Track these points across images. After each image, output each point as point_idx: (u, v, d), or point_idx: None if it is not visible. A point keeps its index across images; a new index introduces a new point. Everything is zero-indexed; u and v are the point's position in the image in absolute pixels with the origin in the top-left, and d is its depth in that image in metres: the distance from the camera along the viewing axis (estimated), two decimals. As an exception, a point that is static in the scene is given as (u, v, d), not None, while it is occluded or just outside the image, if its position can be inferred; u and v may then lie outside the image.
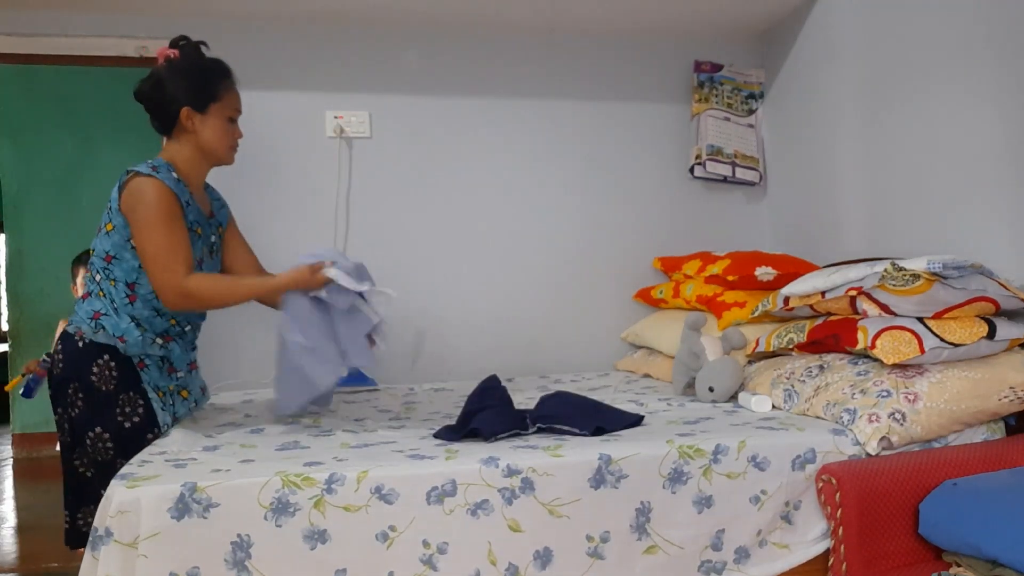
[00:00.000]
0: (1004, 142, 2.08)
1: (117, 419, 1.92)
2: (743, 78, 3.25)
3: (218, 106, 2.02)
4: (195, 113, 1.99)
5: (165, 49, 2.02)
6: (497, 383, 2.13)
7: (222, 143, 2.05)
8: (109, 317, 1.94)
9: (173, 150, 2.03)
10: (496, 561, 1.60)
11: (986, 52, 2.13)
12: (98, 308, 1.95)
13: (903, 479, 1.67)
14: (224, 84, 2.04)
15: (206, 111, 2.00)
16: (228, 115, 2.05)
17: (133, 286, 1.95)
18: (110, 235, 1.95)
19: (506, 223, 3.11)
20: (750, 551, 1.72)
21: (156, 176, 1.91)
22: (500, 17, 2.97)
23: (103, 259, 1.96)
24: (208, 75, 2.02)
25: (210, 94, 2.01)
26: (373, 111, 3.00)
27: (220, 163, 2.11)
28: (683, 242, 3.17)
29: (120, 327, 1.93)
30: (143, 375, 1.97)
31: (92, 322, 1.94)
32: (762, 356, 2.39)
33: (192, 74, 2.00)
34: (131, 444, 1.91)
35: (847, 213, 2.75)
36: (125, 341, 1.94)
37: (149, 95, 2.01)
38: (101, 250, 1.96)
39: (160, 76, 1.99)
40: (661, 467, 1.68)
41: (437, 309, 3.03)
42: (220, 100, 2.02)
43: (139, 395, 1.95)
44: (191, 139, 2.02)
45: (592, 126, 3.17)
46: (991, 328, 1.87)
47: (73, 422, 1.93)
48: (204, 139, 2.02)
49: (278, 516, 1.52)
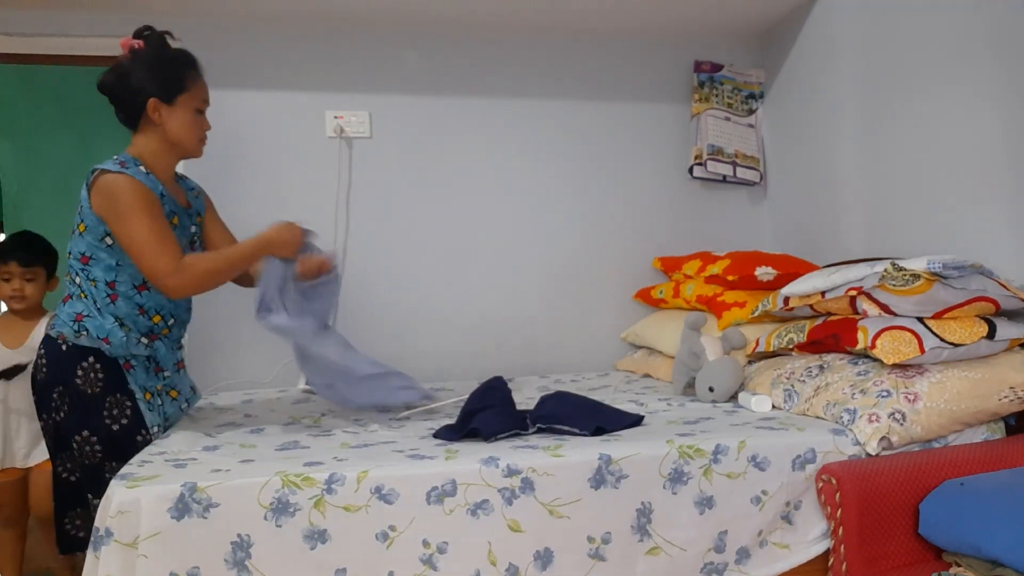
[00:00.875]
0: (1004, 142, 2.08)
1: (104, 422, 1.89)
2: (743, 78, 3.25)
3: (186, 97, 1.97)
4: (162, 104, 1.94)
5: (129, 40, 1.96)
6: (502, 384, 2.14)
7: (191, 135, 2.00)
8: (92, 318, 1.90)
9: (140, 144, 1.97)
10: (496, 561, 1.60)
11: (986, 52, 2.13)
12: (80, 310, 1.91)
13: (903, 479, 1.67)
14: (191, 75, 1.99)
15: (173, 102, 1.95)
16: (196, 106, 2.00)
17: (113, 284, 1.91)
18: (83, 236, 1.91)
19: (506, 223, 3.11)
20: (751, 551, 1.72)
21: (125, 172, 1.86)
22: (500, 17, 2.97)
23: (79, 260, 1.92)
24: (175, 65, 1.97)
25: (177, 85, 1.95)
26: (373, 111, 3.00)
27: (188, 155, 2.06)
28: (683, 242, 3.17)
29: (104, 328, 1.90)
30: (129, 376, 1.94)
31: (75, 324, 1.90)
32: (762, 356, 2.39)
33: (159, 64, 1.94)
34: (119, 447, 1.89)
35: (847, 213, 2.75)
36: (109, 342, 1.90)
37: (113, 86, 1.94)
38: (77, 252, 1.93)
39: (125, 67, 1.93)
40: (661, 467, 1.68)
41: (437, 309, 3.03)
42: (188, 91, 1.97)
43: (126, 396, 1.93)
44: (158, 131, 1.96)
45: (592, 126, 3.17)
46: (991, 328, 1.87)
47: (59, 427, 1.90)
48: (171, 131, 1.96)
49: (278, 516, 1.52)
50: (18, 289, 2.47)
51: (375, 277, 3.00)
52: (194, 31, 2.87)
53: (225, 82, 2.89)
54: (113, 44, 2.80)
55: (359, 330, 2.93)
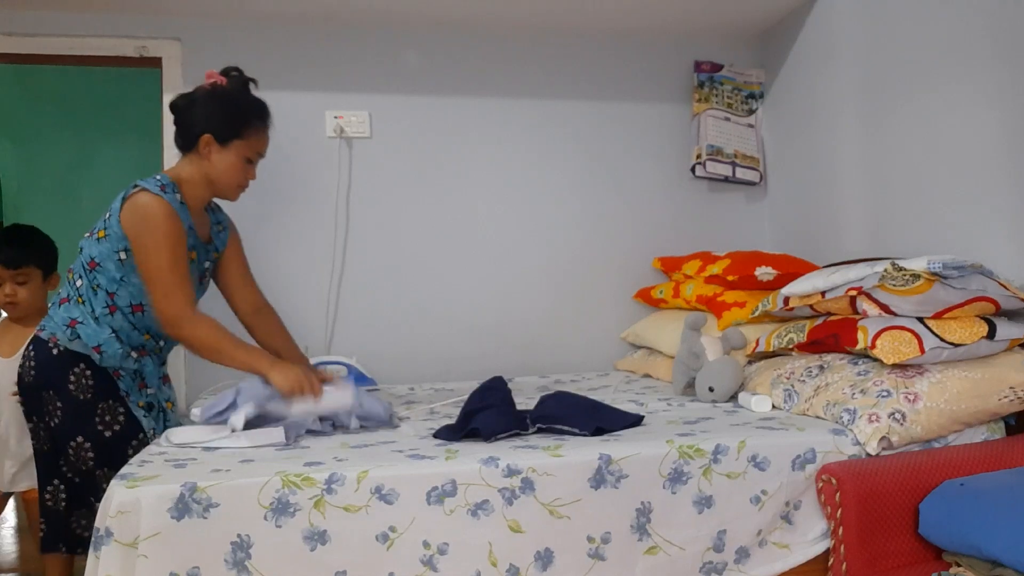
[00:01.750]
0: (1004, 142, 2.08)
1: (97, 428, 1.91)
2: (743, 78, 3.25)
3: (240, 144, 2.01)
4: (214, 143, 1.98)
5: (215, 73, 2.02)
6: (502, 384, 2.13)
7: (231, 180, 2.03)
8: (86, 326, 1.91)
9: (184, 168, 2.01)
10: (497, 562, 1.60)
11: (986, 52, 2.13)
12: (75, 315, 1.92)
13: (903, 479, 1.67)
14: (255, 125, 2.03)
15: (227, 144, 1.99)
16: (247, 155, 2.04)
17: (113, 296, 1.93)
18: (100, 242, 1.92)
19: (506, 223, 3.11)
20: (750, 551, 1.72)
21: (163, 196, 1.89)
22: (500, 17, 2.98)
23: (87, 264, 1.93)
24: (242, 112, 2.01)
25: (236, 130, 1.99)
26: (373, 111, 3.00)
27: (223, 197, 2.09)
28: (683, 242, 3.17)
29: (99, 337, 1.91)
30: (120, 384, 1.95)
31: (68, 329, 1.91)
32: (762, 356, 2.39)
33: (227, 105, 1.99)
34: (113, 453, 1.90)
35: (847, 213, 2.75)
36: (101, 352, 1.91)
37: (180, 110, 2.01)
38: (87, 255, 1.94)
39: (198, 97, 1.99)
40: (661, 467, 1.68)
41: (437, 309, 3.03)
42: (243, 139, 2.01)
43: (118, 403, 1.94)
44: (203, 165, 2.00)
45: (592, 126, 3.17)
46: (991, 328, 1.87)
47: (54, 432, 1.91)
48: (215, 170, 2.00)
49: (278, 516, 1.52)
50: (10, 294, 2.23)
51: (375, 277, 3.00)
52: (195, 31, 2.88)
53: (225, 82, 2.90)
54: (113, 44, 2.83)
55: (359, 331, 2.94)
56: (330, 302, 2.97)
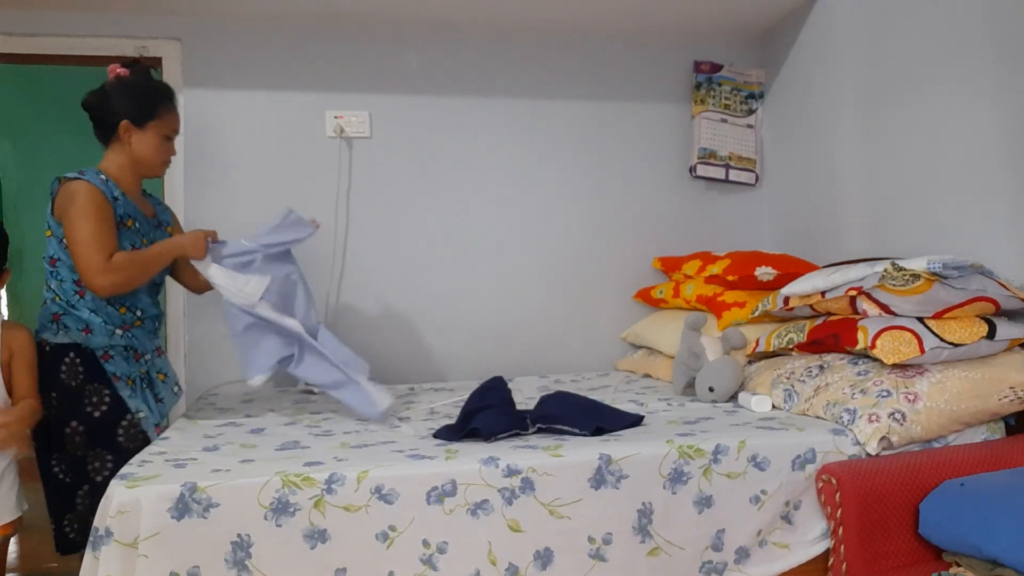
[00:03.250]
0: (1004, 142, 2.08)
1: (86, 410, 2.00)
2: (743, 78, 3.25)
3: (156, 123, 2.13)
4: (133, 127, 2.11)
5: (117, 67, 2.15)
6: (502, 384, 2.14)
7: (155, 157, 2.16)
8: (68, 315, 2.03)
9: (108, 159, 2.14)
10: (496, 561, 1.60)
11: (986, 52, 2.13)
12: (55, 311, 2.04)
13: (903, 479, 1.67)
14: (165, 105, 2.17)
15: (144, 127, 2.12)
16: (164, 133, 2.16)
17: (78, 283, 2.03)
18: (50, 240, 2.06)
19: (506, 223, 3.11)
20: (750, 551, 1.72)
21: (82, 178, 2.02)
22: (500, 17, 2.98)
23: (49, 263, 2.06)
24: (151, 95, 2.15)
25: (149, 112, 2.12)
26: (373, 111, 3.00)
27: (150, 175, 2.21)
28: (683, 242, 3.17)
29: (82, 319, 2.02)
30: (107, 365, 2.04)
31: (53, 325, 2.02)
32: (762, 356, 2.38)
33: (137, 92, 2.13)
34: (102, 433, 2.00)
35: (847, 213, 2.75)
36: (91, 331, 2.02)
37: (94, 105, 2.13)
38: (47, 255, 2.07)
39: (107, 90, 2.12)
40: (661, 467, 1.68)
41: (437, 309, 3.04)
42: (159, 119, 2.14)
43: (103, 385, 2.03)
44: (125, 150, 2.13)
45: (592, 126, 3.17)
46: (991, 328, 1.87)
47: (50, 424, 1.98)
48: (137, 151, 2.12)
49: (278, 516, 1.52)
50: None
51: (375, 277, 3.00)
52: (194, 31, 2.88)
53: (225, 82, 2.90)
54: (113, 44, 2.83)
55: (359, 330, 2.94)
56: (330, 302, 2.97)
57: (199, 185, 2.87)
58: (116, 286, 1.99)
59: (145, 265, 2.05)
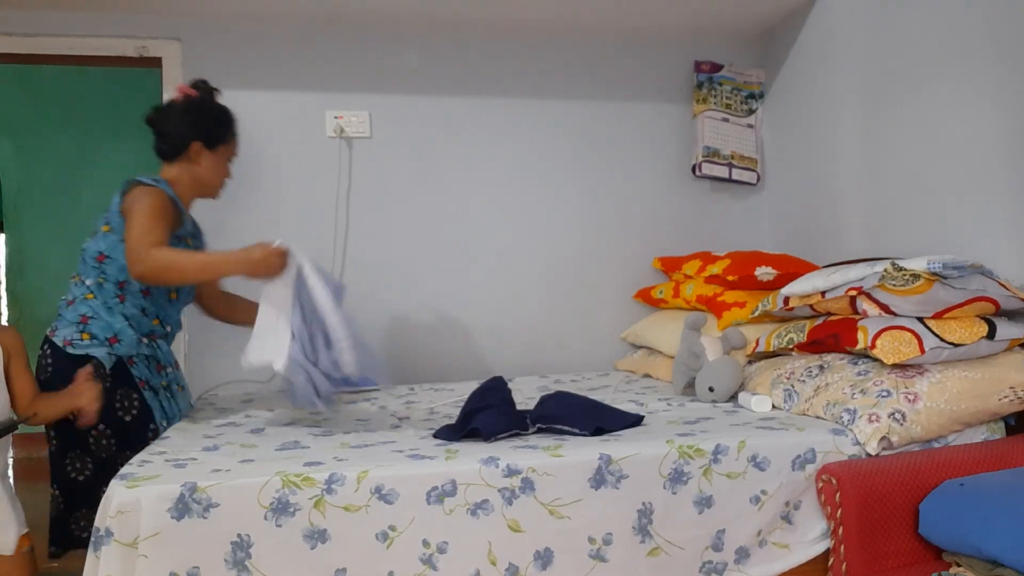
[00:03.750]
0: (1004, 142, 2.08)
1: (117, 413, 2.01)
2: (743, 78, 3.25)
3: (224, 148, 2.20)
4: (204, 149, 2.14)
5: (186, 87, 2.18)
6: (502, 384, 2.13)
7: (218, 179, 2.22)
8: (98, 320, 2.02)
9: (173, 174, 2.15)
10: (496, 561, 1.60)
11: (986, 51, 2.13)
12: (85, 312, 2.03)
13: (903, 479, 1.67)
14: (233, 129, 2.23)
15: (215, 149, 2.17)
16: (228, 157, 2.23)
17: (123, 285, 2.04)
18: (106, 236, 2.04)
19: (506, 223, 3.11)
20: (750, 551, 1.72)
21: (158, 186, 2.06)
22: (500, 17, 2.98)
23: (95, 259, 2.04)
24: (224, 119, 2.20)
25: (221, 136, 2.18)
26: (373, 111, 3.00)
27: (208, 196, 2.25)
28: (683, 242, 3.17)
29: (113, 327, 2.02)
30: (133, 371, 2.05)
31: (79, 325, 2.01)
32: (762, 356, 2.38)
33: (211, 115, 2.17)
34: (133, 437, 1.99)
35: (847, 213, 2.75)
36: (118, 340, 2.02)
37: (158, 122, 2.14)
38: (94, 250, 2.05)
39: (176, 109, 2.14)
40: (661, 467, 1.68)
41: (437, 309, 3.03)
42: (227, 143, 2.20)
43: (133, 390, 2.05)
44: (191, 169, 2.15)
45: (592, 126, 3.17)
46: (991, 328, 1.87)
47: (70, 427, 1.95)
48: (204, 172, 2.16)
49: (278, 516, 1.52)
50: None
51: (375, 277, 3.00)
52: (194, 31, 2.88)
53: (225, 82, 2.87)
54: (113, 44, 2.83)
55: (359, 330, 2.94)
56: (330, 302, 2.96)
57: (199, 185, 2.87)
58: (156, 272, 1.94)
59: (195, 265, 2.01)
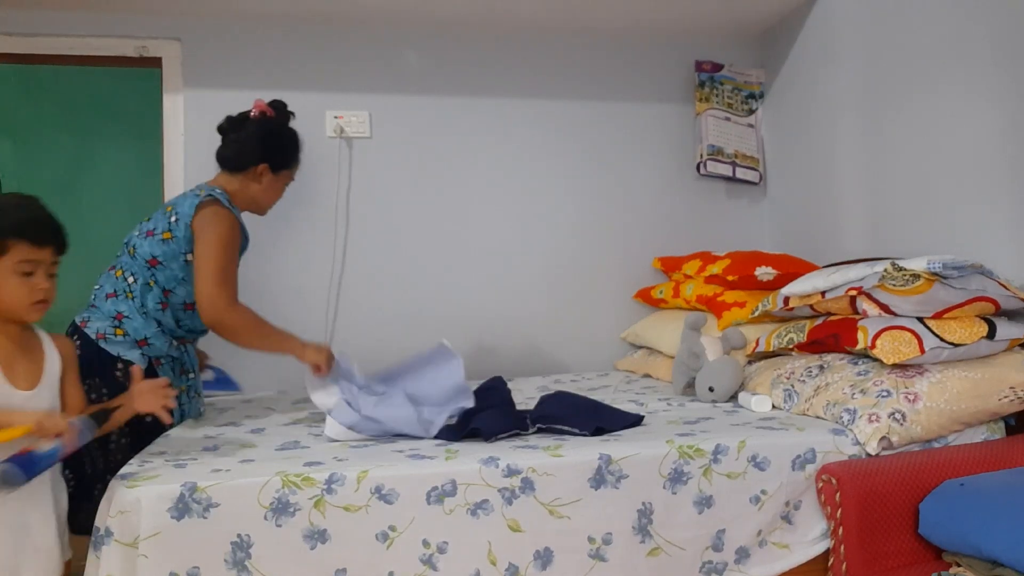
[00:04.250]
0: (1004, 142, 2.08)
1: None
2: (743, 78, 3.25)
3: (287, 172, 2.24)
4: (269, 171, 2.17)
5: (263, 104, 2.20)
6: (502, 384, 2.13)
7: (272, 201, 2.25)
8: (132, 320, 2.03)
9: (233, 186, 2.16)
10: (496, 561, 1.60)
11: (986, 52, 2.13)
12: (123, 309, 2.03)
13: (903, 479, 1.67)
14: (298, 156, 2.27)
15: (278, 173, 2.20)
16: (287, 181, 2.26)
17: (168, 294, 2.06)
18: (166, 243, 2.04)
19: (506, 223, 3.11)
20: (750, 551, 1.72)
21: (233, 212, 2.09)
22: (500, 17, 2.98)
23: (147, 261, 2.05)
24: (292, 146, 2.24)
25: (287, 162, 2.22)
26: (373, 111, 3.00)
27: (257, 213, 2.26)
28: (683, 242, 3.17)
29: (146, 331, 2.03)
30: (160, 372, 2.07)
31: (114, 321, 2.02)
32: (762, 356, 2.38)
33: (283, 140, 2.21)
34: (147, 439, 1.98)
35: (847, 213, 2.75)
36: (148, 343, 2.03)
37: (230, 133, 2.18)
38: (147, 252, 2.05)
39: (252, 126, 2.17)
40: (661, 467, 1.68)
41: (437, 309, 3.03)
42: (290, 169, 2.25)
43: None
44: (250, 186, 2.17)
45: (592, 126, 3.17)
46: (991, 328, 1.87)
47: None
48: (261, 193, 2.19)
49: (278, 516, 1.52)
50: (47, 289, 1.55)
51: (374, 277, 3.00)
52: (194, 31, 2.88)
53: (225, 82, 2.90)
54: (113, 44, 2.83)
55: (359, 330, 2.94)
56: (330, 302, 2.97)
57: (199, 185, 2.87)
58: (228, 329, 2.00)
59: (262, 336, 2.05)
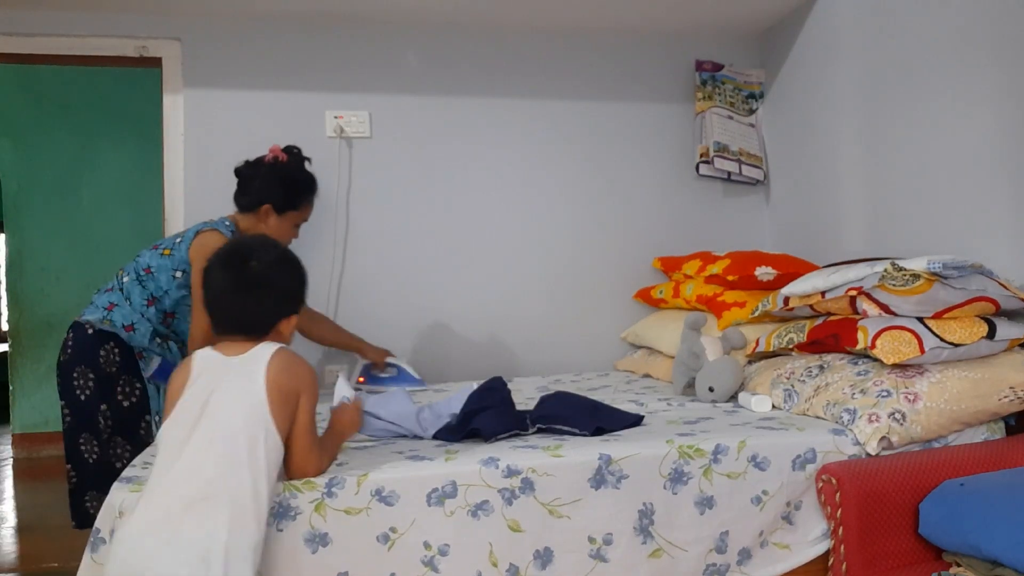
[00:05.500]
0: (1004, 142, 2.08)
1: (117, 398, 2.17)
2: (743, 78, 3.25)
3: (294, 213, 2.35)
4: (273, 212, 2.31)
5: (278, 148, 2.35)
6: (502, 384, 2.13)
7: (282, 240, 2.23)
8: (121, 308, 2.18)
9: (246, 224, 2.32)
10: (497, 562, 1.60)
11: (985, 52, 2.13)
12: (113, 300, 2.20)
13: (903, 479, 1.67)
14: (307, 198, 2.37)
15: (283, 214, 2.32)
16: (297, 222, 2.37)
17: (152, 303, 2.21)
18: (164, 258, 2.21)
19: (506, 223, 3.11)
20: (752, 552, 1.72)
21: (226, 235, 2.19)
22: (500, 17, 2.98)
23: (143, 269, 2.21)
24: (299, 188, 2.35)
25: (292, 203, 2.33)
26: (373, 111, 3.00)
27: None
28: (683, 242, 3.17)
29: (131, 318, 2.18)
30: (141, 364, 2.22)
31: (104, 311, 2.18)
32: (762, 356, 2.39)
33: (287, 182, 2.32)
34: (127, 423, 2.15)
35: (847, 213, 2.75)
36: (133, 329, 2.18)
37: (245, 177, 2.33)
38: (145, 262, 2.23)
39: (262, 170, 2.31)
40: (661, 467, 1.68)
41: (437, 309, 3.04)
42: (297, 210, 2.35)
43: (136, 379, 2.20)
44: (258, 226, 2.31)
45: (592, 126, 3.17)
46: (991, 328, 1.87)
47: (84, 406, 2.12)
48: (270, 233, 2.27)
49: (279, 520, 1.52)
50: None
51: (374, 277, 3.00)
52: (194, 31, 2.88)
53: (225, 82, 2.90)
54: (113, 44, 2.83)
55: (359, 331, 2.94)
56: (330, 302, 2.97)
57: (199, 185, 2.87)
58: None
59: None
